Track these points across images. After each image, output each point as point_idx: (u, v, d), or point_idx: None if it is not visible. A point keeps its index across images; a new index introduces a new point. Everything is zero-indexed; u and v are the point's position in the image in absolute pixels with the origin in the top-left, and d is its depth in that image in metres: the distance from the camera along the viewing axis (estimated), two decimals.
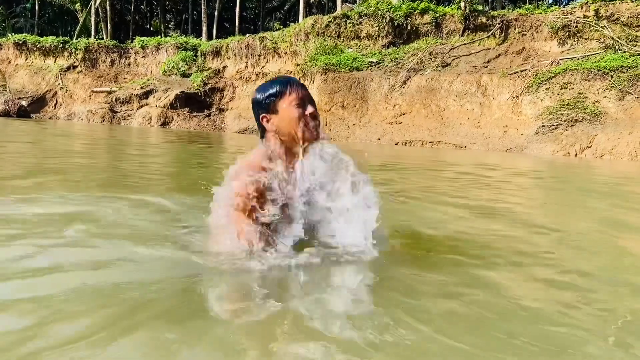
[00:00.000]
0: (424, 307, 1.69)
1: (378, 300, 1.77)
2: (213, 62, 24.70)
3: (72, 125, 18.64)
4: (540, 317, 1.66)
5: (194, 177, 5.42)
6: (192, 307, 1.60)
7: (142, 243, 2.20)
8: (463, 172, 7.71)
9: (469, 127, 15.90)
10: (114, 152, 8.61)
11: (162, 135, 14.96)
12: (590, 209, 4.48)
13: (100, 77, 26.08)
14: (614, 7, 16.28)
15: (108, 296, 1.64)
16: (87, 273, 1.86)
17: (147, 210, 3.01)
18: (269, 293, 1.75)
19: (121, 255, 2.05)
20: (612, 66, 14.97)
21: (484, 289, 1.91)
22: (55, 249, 2.11)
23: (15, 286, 1.70)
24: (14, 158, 6.21)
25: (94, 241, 2.21)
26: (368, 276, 2.04)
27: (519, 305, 1.76)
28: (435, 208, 3.95)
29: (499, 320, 1.61)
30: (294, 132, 2.09)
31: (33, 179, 4.39)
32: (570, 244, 2.92)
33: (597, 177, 8.34)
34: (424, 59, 17.79)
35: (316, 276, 1.95)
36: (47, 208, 2.90)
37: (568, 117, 14.65)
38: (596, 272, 2.24)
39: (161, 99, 22.74)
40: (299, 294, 1.79)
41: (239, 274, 1.91)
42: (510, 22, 17.89)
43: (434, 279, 2.01)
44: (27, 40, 27.60)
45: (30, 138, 10.56)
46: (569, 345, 1.46)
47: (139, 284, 1.75)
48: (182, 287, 1.77)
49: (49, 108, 25.35)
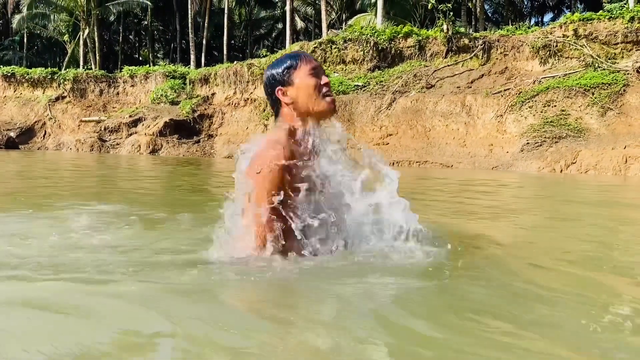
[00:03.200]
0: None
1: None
2: (202, 90, 24.89)
3: (54, 155, 18.64)
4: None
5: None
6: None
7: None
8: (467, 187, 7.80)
9: (455, 147, 16.08)
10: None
11: (146, 162, 15.00)
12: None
13: (89, 107, 26.17)
14: (592, 26, 16.67)
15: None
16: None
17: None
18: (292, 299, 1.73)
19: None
20: (592, 83, 15.28)
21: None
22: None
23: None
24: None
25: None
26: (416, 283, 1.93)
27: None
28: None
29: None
30: (312, 102, 2.08)
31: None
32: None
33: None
34: (408, 81, 18.06)
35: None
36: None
37: (552, 134, 14.87)
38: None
39: (150, 126, 22.83)
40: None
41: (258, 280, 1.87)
42: (492, 43, 18.25)
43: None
44: (16, 72, 27.72)
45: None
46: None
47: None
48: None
49: (37, 139, 25.35)
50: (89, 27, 31.10)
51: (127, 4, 31.88)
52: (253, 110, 22.10)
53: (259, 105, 22.00)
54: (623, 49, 16.17)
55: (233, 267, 1.99)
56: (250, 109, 22.41)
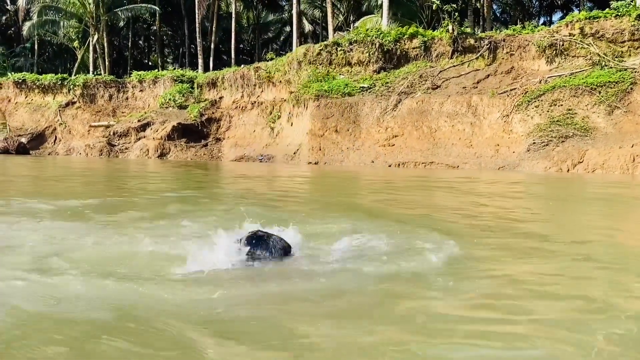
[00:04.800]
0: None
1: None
2: (209, 93, 25.01)
3: (64, 160, 18.84)
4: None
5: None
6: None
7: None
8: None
9: (461, 147, 16.02)
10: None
11: (156, 166, 15.12)
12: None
13: (99, 112, 26.41)
14: (599, 25, 16.55)
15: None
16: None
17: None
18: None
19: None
20: (599, 82, 15.15)
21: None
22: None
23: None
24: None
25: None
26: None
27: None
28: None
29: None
30: None
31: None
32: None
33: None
34: (414, 82, 18.02)
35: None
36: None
37: (558, 133, 14.78)
38: None
39: (158, 130, 23.00)
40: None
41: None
42: (498, 43, 18.17)
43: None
44: (27, 79, 28.06)
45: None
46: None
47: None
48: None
49: (48, 144, 25.64)
50: (98, 33, 31.39)
51: (135, 9, 32.14)
52: (260, 114, 22.19)
53: (266, 108, 22.09)
54: (630, 47, 16.03)
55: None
56: (257, 112, 22.50)
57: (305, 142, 17.78)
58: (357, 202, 6.74)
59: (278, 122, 21.11)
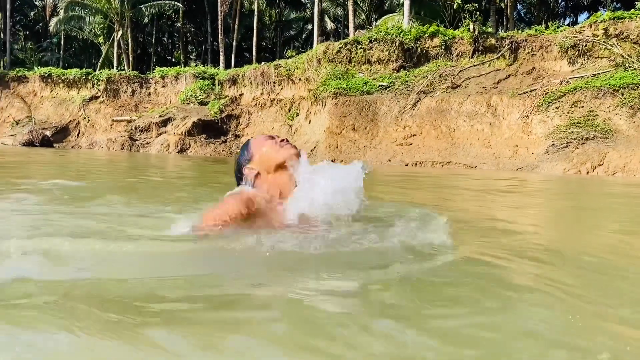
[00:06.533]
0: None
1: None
2: (230, 90, 25.22)
3: (86, 153, 19.17)
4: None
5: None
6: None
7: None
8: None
9: (479, 147, 15.91)
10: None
11: (175, 160, 15.31)
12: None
13: (122, 107, 26.83)
14: (623, 25, 16.28)
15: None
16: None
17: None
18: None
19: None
20: (622, 84, 14.91)
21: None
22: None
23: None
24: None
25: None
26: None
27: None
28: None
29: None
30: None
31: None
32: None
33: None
34: (434, 81, 17.95)
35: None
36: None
37: (579, 135, 14.58)
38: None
39: (179, 126, 23.27)
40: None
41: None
42: (520, 43, 17.99)
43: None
44: (52, 73, 28.64)
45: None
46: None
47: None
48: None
49: (71, 137, 26.13)
50: (123, 29, 31.89)
51: (159, 6, 32.56)
52: (279, 111, 22.32)
53: (284, 105, 22.21)
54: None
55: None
56: (276, 109, 22.64)
57: (322, 140, 17.83)
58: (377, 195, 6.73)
59: (296, 119, 21.21)
